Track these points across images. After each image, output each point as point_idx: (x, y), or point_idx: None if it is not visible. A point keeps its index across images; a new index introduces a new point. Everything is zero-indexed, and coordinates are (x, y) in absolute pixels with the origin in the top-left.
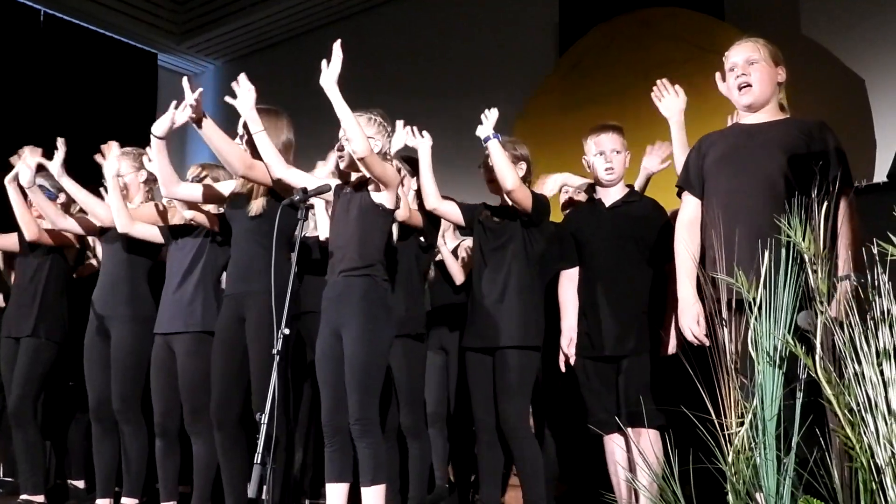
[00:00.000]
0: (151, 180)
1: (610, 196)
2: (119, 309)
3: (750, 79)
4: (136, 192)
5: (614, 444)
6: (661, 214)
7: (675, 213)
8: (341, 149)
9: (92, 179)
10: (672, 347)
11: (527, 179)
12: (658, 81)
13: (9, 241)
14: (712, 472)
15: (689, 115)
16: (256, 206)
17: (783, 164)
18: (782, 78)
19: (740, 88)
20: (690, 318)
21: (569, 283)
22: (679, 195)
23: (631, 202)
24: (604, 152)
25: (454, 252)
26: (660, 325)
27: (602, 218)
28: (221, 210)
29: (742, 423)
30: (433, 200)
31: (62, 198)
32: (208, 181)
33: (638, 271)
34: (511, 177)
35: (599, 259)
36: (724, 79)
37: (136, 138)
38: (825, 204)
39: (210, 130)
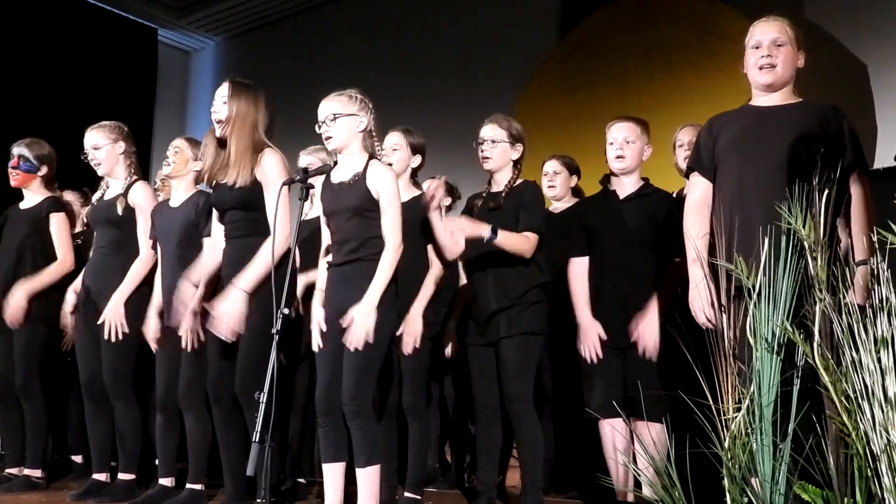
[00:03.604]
0: (131, 152)
1: (624, 188)
2: (109, 286)
3: (775, 60)
4: (113, 165)
5: (611, 429)
6: (676, 207)
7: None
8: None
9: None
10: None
11: (521, 161)
12: None
13: None
14: (709, 457)
15: (691, 98)
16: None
17: (797, 147)
18: (802, 63)
19: (762, 68)
20: (703, 301)
21: (579, 272)
22: (687, 176)
23: (645, 195)
24: (615, 141)
25: None
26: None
27: (615, 210)
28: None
29: (739, 409)
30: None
31: (44, 170)
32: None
33: (647, 265)
34: (528, 252)
35: (609, 251)
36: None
37: (136, 113)
38: (826, 192)
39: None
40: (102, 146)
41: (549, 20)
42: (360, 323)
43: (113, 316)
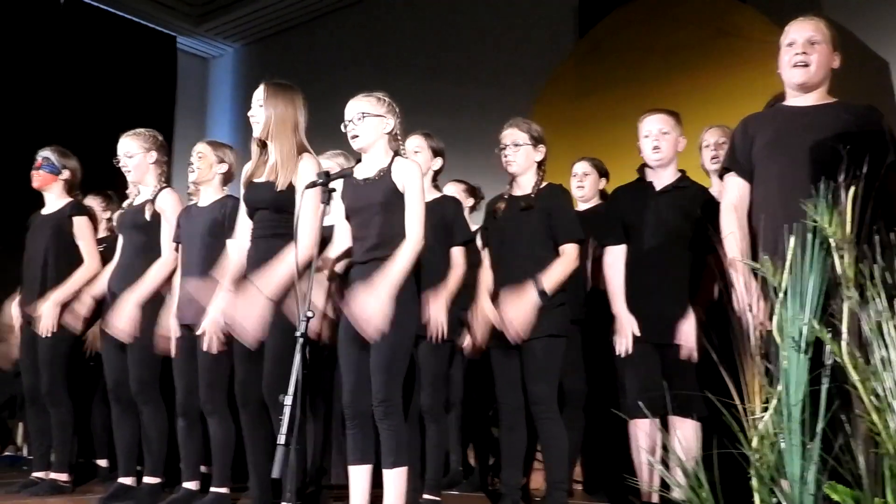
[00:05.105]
0: (162, 161)
1: (661, 180)
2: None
3: (808, 58)
4: (144, 173)
5: (638, 429)
6: (711, 202)
7: None
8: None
9: (110, 165)
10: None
11: (545, 162)
12: None
13: None
14: (737, 457)
15: (709, 97)
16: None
17: (837, 148)
18: (836, 64)
19: (795, 66)
20: (744, 303)
21: (615, 261)
22: (721, 176)
23: (682, 188)
24: (650, 134)
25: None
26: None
27: (651, 202)
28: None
29: (766, 409)
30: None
31: (66, 174)
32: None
33: (682, 259)
34: (574, 265)
35: (646, 244)
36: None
37: (157, 120)
38: (852, 188)
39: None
40: (134, 154)
41: (567, 21)
42: (373, 307)
43: (123, 320)
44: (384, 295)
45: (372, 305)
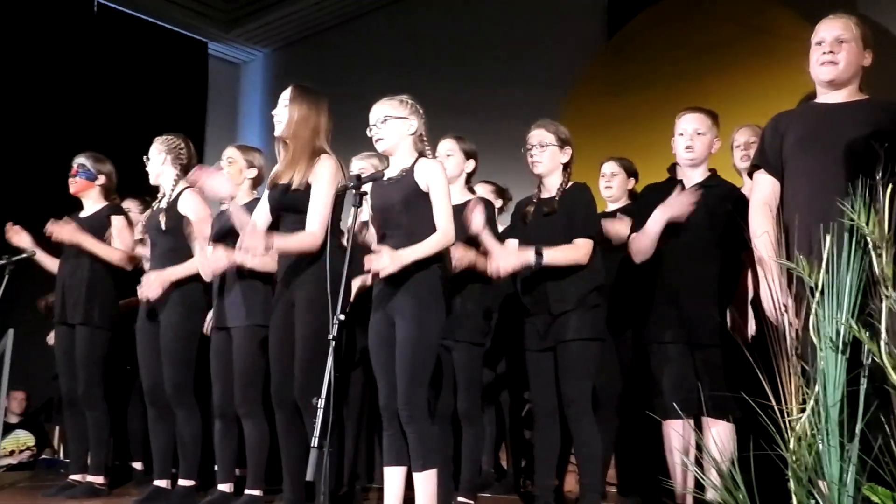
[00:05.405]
0: (178, 164)
1: (690, 178)
2: (167, 294)
3: (836, 57)
4: (158, 176)
5: (673, 431)
6: (740, 201)
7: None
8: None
9: (143, 170)
10: (751, 329)
11: (570, 164)
12: None
13: None
14: (774, 459)
15: (741, 96)
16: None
17: (871, 145)
18: (868, 62)
19: (822, 64)
20: (770, 302)
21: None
22: (751, 174)
23: (711, 186)
24: (684, 132)
25: None
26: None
27: None
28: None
29: (803, 410)
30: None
31: (101, 179)
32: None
33: (710, 258)
34: (582, 259)
35: (676, 242)
36: None
37: (188, 126)
38: (889, 186)
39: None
40: (152, 158)
41: (597, 21)
42: (385, 260)
43: (152, 283)
44: (399, 259)
45: (385, 259)
